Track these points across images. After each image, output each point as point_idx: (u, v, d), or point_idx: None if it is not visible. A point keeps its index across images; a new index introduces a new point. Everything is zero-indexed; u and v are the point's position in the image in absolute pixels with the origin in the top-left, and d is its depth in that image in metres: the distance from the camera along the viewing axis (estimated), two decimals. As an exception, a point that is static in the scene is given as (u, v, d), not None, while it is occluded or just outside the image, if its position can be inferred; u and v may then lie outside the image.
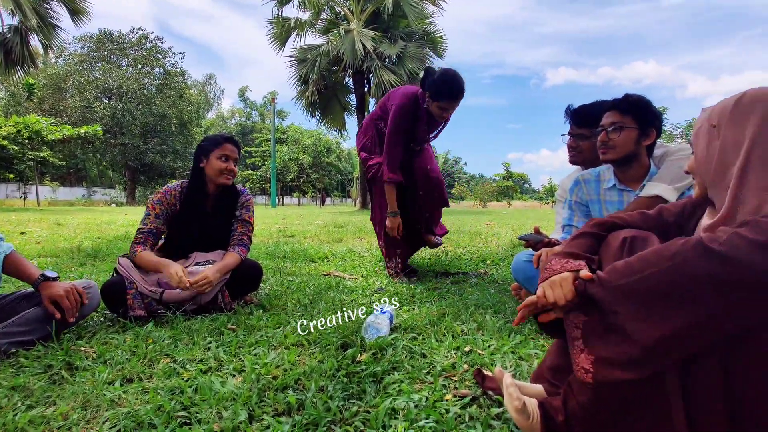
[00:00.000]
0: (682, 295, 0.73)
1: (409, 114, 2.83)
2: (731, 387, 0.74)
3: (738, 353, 0.74)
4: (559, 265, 0.95)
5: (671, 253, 0.76)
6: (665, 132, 33.01)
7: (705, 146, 0.91)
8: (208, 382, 1.27)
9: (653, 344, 0.75)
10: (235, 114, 61.05)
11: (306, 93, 17.53)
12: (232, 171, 2.22)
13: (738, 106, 0.87)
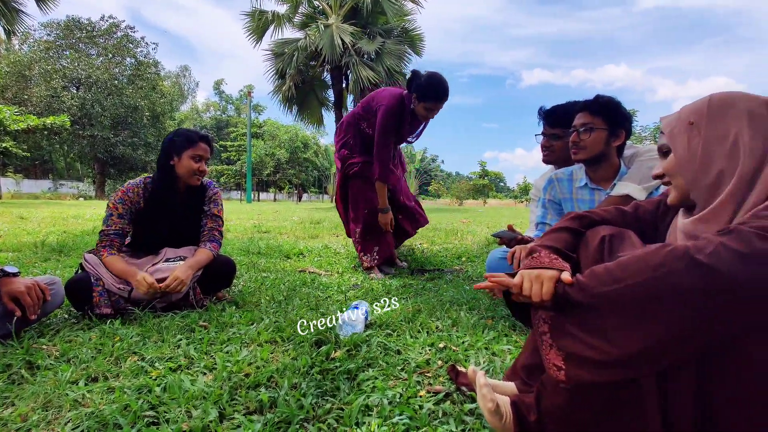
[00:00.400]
0: (667, 307, 0.72)
1: (396, 115, 2.92)
2: (705, 394, 0.74)
3: (715, 360, 0.74)
4: (548, 260, 0.93)
5: (656, 264, 0.74)
6: (635, 134, 33.97)
7: (686, 144, 0.90)
8: (178, 381, 1.24)
9: (635, 352, 0.75)
10: (210, 107, 59.86)
11: (283, 87, 17.30)
12: (204, 171, 2.16)
13: (713, 103, 0.88)
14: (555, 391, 0.89)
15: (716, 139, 0.86)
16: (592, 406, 0.84)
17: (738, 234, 0.72)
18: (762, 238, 0.70)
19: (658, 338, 0.73)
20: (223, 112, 59.61)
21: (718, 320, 0.70)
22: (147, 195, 2.12)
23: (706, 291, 0.70)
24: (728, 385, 0.73)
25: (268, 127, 45.06)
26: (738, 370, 0.73)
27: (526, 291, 0.90)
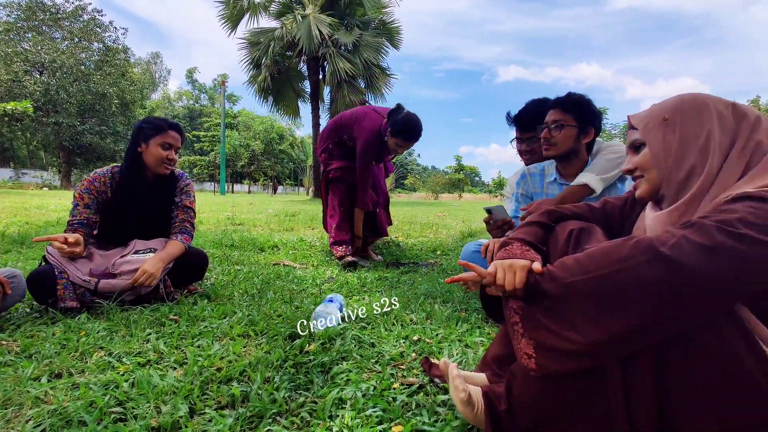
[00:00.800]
0: (632, 298, 0.75)
1: (375, 146, 3.15)
2: (664, 384, 0.77)
3: (674, 351, 0.76)
4: (520, 251, 0.96)
5: (622, 256, 0.77)
6: (606, 132, 34.87)
7: (661, 140, 0.93)
8: (146, 376, 1.21)
9: (601, 342, 0.77)
10: (182, 96, 58.32)
11: (258, 78, 16.98)
12: (173, 160, 2.09)
13: (685, 103, 0.92)
14: (525, 380, 0.91)
15: (691, 136, 0.90)
16: (560, 395, 0.86)
17: (700, 227, 0.74)
18: (723, 231, 0.72)
19: (623, 328, 0.75)
20: (196, 102, 58.20)
21: (680, 312, 0.73)
22: (114, 184, 2.05)
23: (668, 283, 0.72)
24: (686, 377, 0.76)
25: (242, 117, 44.26)
26: (696, 363, 0.75)
27: (500, 280, 0.92)
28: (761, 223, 0.73)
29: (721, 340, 0.74)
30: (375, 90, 17.53)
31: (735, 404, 0.74)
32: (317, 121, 18.09)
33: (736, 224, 0.73)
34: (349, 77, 15.99)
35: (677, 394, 0.77)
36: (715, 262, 0.71)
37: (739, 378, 0.73)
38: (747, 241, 0.71)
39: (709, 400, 0.75)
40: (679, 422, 0.77)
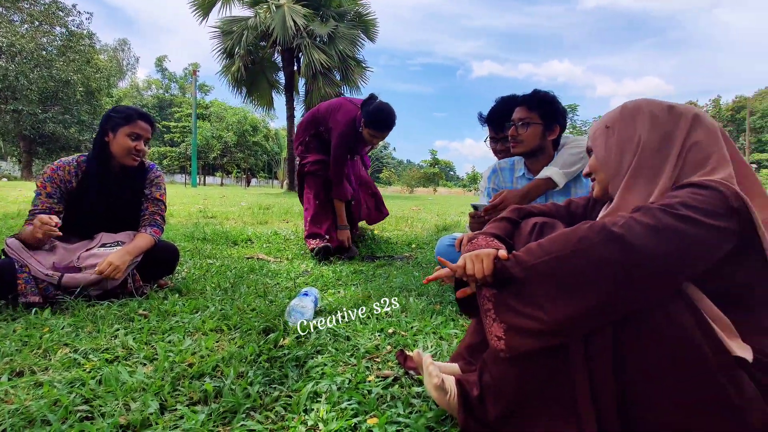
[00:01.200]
0: (588, 277, 0.80)
1: (350, 137, 3.14)
2: (620, 362, 0.81)
3: (629, 330, 0.81)
4: (485, 242, 1.01)
5: (578, 237, 0.82)
6: (576, 128, 35.70)
7: (603, 144, 1.03)
8: (114, 372, 1.17)
9: (563, 320, 0.82)
10: (151, 85, 56.49)
11: (232, 68, 16.60)
12: (142, 151, 2.02)
13: (624, 110, 1.02)
14: (496, 364, 0.94)
15: (626, 139, 1.00)
16: (528, 376, 0.89)
17: (646, 210, 0.83)
18: (666, 213, 0.80)
19: (582, 306, 0.80)
20: (166, 91, 56.49)
21: (632, 291, 0.79)
22: (80, 174, 1.97)
23: (621, 263, 0.78)
24: (639, 355, 0.81)
25: (215, 108, 43.24)
26: (648, 341, 0.80)
27: (470, 270, 0.96)
28: (701, 206, 0.80)
29: (671, 318, 0.79)
30: (350, 83, 17.41)
31: (687, 381, 0.78)
32: (292, 113, 17.85)
33: (677, 207, 0.81)
34: (324, 69, 15.82)
35: (633, 371, 0.81)
36: (661, 240, 0.78)
37: (689, 355, 0.78)
38: (688, 221, 0.79)
39: (662, 376, 0.80)
40: (637, 400, 0.81)
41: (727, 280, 0.85)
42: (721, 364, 0.77)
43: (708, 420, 0.78)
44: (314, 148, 3.30)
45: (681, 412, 0.79)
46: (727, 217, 0.81)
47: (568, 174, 1.88)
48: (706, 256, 0.81)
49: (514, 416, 0.91)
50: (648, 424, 0.82)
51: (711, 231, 0.79)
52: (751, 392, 0.78)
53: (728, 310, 0.83)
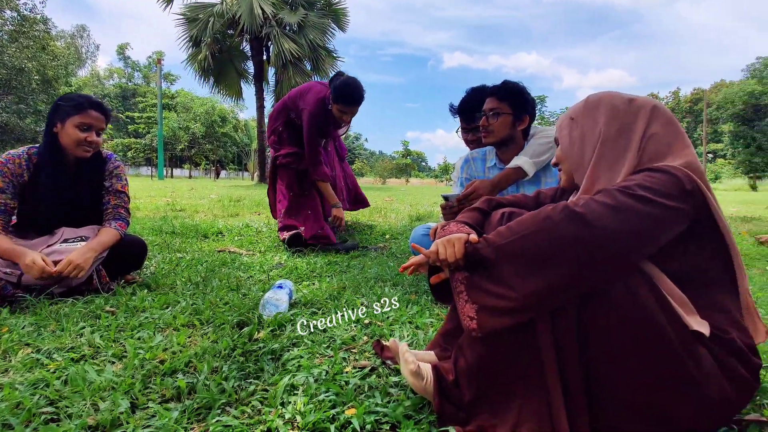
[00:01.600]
0: (552, 254, 0.84)
1: (320, 117, 3.08)
2: (583, 339, 0.85)
3: (590, 308, 0.85)
4: (456, 228, 1.05)
5: (542, 217, 0.87)
6: (545, 118, 36.42)
7: (568, 135, 1.08)
8: (81, 372, 1.13)
9: (530, 296, 0.85)
10: (113, 74, 54.24)
11: (198, 56, 16.09)
12: (94, 143, 1.90)
13: (588, 102, 1.06)
14: (469, 347, 0.97)
15: (588, 130, 1.05)
16: (499, 355, 0.92)
17: (605, 192, 0.88)
18: (624, 193, 0.86)
19: (548, 281, 0.84)
20: (129, 80, 54.39)
21: (594, 268, 0.83)
22: (32, 167, 1.87)
23: (583, 241, 0.82)
24: (602, 332, 0.84)
25: (181, 98, 41.93)
26: (610, 318, 0.83)
27: (442, 255, 0.98)
28: (655, 187, 0.86)
29: (631, 294, 0.83)
30: (321, 72, 17.18)
31: (648, 356, 0.82)
32: (262, 103, 17.50)
33: (634, 188, 0.86)
34: (294, 58, 15.55)
35: (596, 347, 0.85)
36: (619, 218, 0.83)
37: (649, 330, 0.82)
38: (644, 201, 0.84)
39: (624, 351, 0.83)
40: (601, 375, 0.85)
41: (683, 259, 0.90)
42: (680, 339, 0.81)
43: (668, 393, 0.82)
44: (287, 139, 3.25)
45: (643, 386, 0.83)
46: (681, 198, 0.86)
47: (538, 163, 1.92)
48: (662, 234, 0.86)
49: (487, 397, 0.94)
50: (612, 399, 0.86)
51: (666, 210, 0.85)
52: (708, 366, 0.82)
53: (684, 288, 0.87)
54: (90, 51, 49.04)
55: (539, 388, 0.87)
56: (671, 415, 0.83)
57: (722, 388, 0.83)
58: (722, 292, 0.92)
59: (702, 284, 0.90)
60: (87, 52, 48.31)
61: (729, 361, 0.84)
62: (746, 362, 0.87)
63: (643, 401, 0.83)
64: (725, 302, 0.91)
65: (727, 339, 0.86)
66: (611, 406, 0.86)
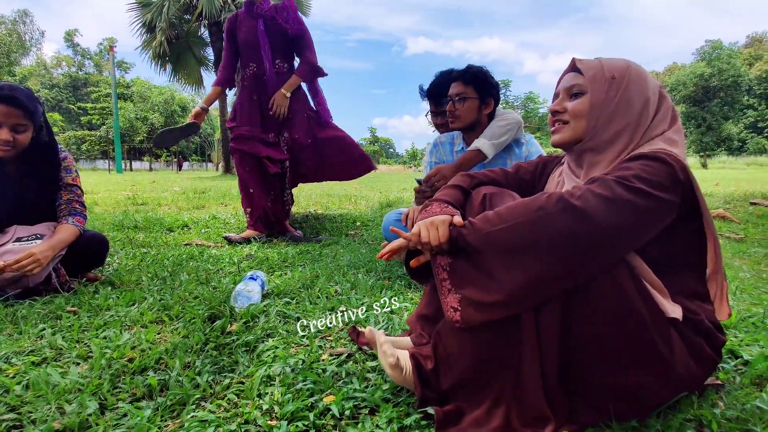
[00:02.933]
0: (545, 246, 0.81)
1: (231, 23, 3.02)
2: (567, 326, 0.85)
3: (576, 297, 0.84)
4: (439, 209, 0.99)
5: (536, 207, 0.83)
6: (509, 102, 36.96)
7: (605, 92, 0.97)
8: (44, 375, 1.08)
9: (518, 290, 0.83)
10: (61, 62, 51.31)
11: (153, 43, 15.42)
12: (9, 141, 1.69)
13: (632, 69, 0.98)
14: (450, 336, 0.96)
15: (629, 101, 0.96)
16: (481, 347, 0.91)
17: (602, 182, 0.84)
18: (620, 185, 0.83)
19: (538, 274, 0.82)
20: (79, 69, 51.59)
21: (586, 259, 0.81)
22: None
23: (576, 232, 0.80)
24: (585, 322, 0.85)
25: (137, 87, 40.17)
26: (594, 308, 0.84)
27: (425, 238, 0.94)
28: (651, 178, 0.84)
29: (616, 285, 0.83)
30: (285, 59, 16.79)
31: (626, 342, 0.84)
32: (224, 91, 16.97)
33: (631, 179, 0.83)
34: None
35: (579, 336, 0.85)
36: (614, 212, 0.81)
37: (630, 319, 0.83)
38: (640, 194, 0.82)
39: (606, 339, 0.85)
40: (582, 362, 0.87)
41: (663, 246, 0.90)
42: (657, 325, 0.84)
43: (641, 374, 0.85)
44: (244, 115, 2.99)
45: (620, 369, 0.86)
46: (673, 189, 0.85)
47: (497, 145, 1.94)
48: (653, 228, 0.86)
49: (468, 385, 0.94)
50: (590, 382, 0.88)
51: (659, 203, 0.84)
52: (678, 347, 0.86)
53: (661, 273, 0.89)
54: (34, 38, 46.14)
55: (518, 376, 0.88)
56: (643, 394, 0.87)
57: (689, 366, 0.87)
58: (695, 275, 0.94)
59: (678, 269, 0.92)
60: (31, 39, 45.44)
61: (697, 341, 0.88)
62: (712, 341, 0.91)
63: (618, 382, 0.86)
64: (698, 285, 0.94)
65: (696, 320, 0.89)
66: (589, 388, 0.88)
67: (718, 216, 3.96)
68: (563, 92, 1.05)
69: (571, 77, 1.03)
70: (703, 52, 43.44)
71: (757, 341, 1.29)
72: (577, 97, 1.01)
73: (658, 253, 0.90)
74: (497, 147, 1.94)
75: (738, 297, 1.76)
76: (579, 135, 1.01)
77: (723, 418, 0.92)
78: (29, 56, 45.57)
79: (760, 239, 3.15)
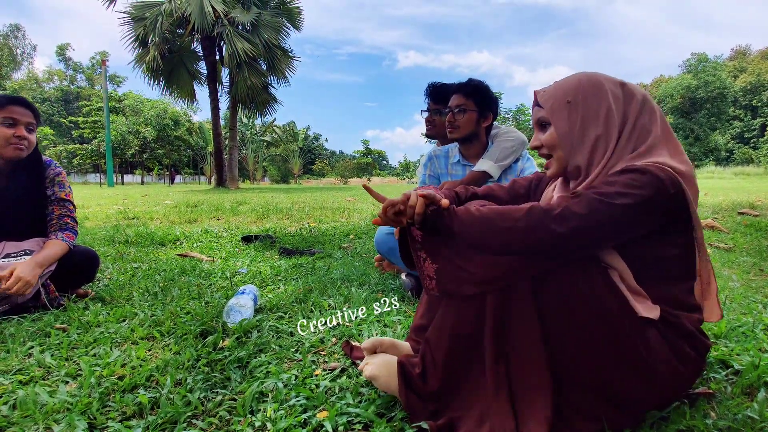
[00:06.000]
0: (516, 251, 0.89)
1: None
2: (541, 308, 0.90)
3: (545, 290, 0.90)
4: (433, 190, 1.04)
5: (518, 216, 0.87)
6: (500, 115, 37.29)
7: (567, 119, 0.99)
8: (32, 394, 1.06)
9: (491, 276, 0.91)
10: (53, 76, 51.15)
11: (146, 57, 15.44)
12: (24, 138, 1.78)
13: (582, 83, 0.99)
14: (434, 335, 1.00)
15: (591, 116, 0.98)
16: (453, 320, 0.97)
17: (583, 198, 0.87)
18: (602, 202, 0.85)
19: (508, 267, 0.90)
20: (71, 83, 51.42)
21: (555, 261, 0.88)
22: None
23: (549, 243, 0.85)
24: (552, 308, 0.90)
25: (129, 101, 40.01)
26: (562, 295, 0.89)
27: (412, 201, 0.95)
28: (636, 192, 0.85)
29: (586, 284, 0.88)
30: (278, 72, 16.92)
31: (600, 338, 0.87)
32: (216, 104, 17.03)
33: (613, 195, 0.85)
34: (249, 58, 15.23)
35: (552, 322, 0.90)
36: (591, 227, 0.84)
37: (600, 313, 0.87)
38: (620, 208, 0.84)
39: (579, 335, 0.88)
40: (560, 350, 0.91)
41: (649, 255, 0.92)
42: (630, 324, 0.86)
43: (620, 373, 0.88)
44: None
45: (597, 368, 0.89)
46: (661, 203, 0.86)
47: (502, 166, 2.00)
48: (628, 233, 0.88)
49: (453, 386, 0.97)
50: (573, 381, 0.91)
51: (640, 214, 0.86)
52: (658, 347, 0.88)
53: (644, 277, 0.91)
54: (26, 52, 46.10)
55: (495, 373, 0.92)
56: (624, 392, 0.90)
57: (672, 367, 0.89)
58: (683, 286, 0.96)
59: (663, 278, 0.93)
60: (23, 53, 45.41)
61: (679, 343, 0.90)
62: (695, 343, 0.92)
63: (598, 381, 0.89)
64: (684, 296, 0.95)
65: (677, 323, 0.91)
66: (572, 385, 0.91)
67: (707, 226, 4.00)
68: (535, 127, 1.08)
69: (536, 111, 1.06)
70: (689, 65, 44.28)
71: (747, 350, 1.30)
72: (546, 129, 1.04)
73: (643, 261, 0.92)
74: (502, 168, 2.00)
75: (728, 306, 1.77)
76: (563, 163, 1.03)
77: (715, 429, 0.93)
78: (21, 70, 45.48)
79: (749, 249, 3.19)
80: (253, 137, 47.43)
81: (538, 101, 1.05)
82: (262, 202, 7.68)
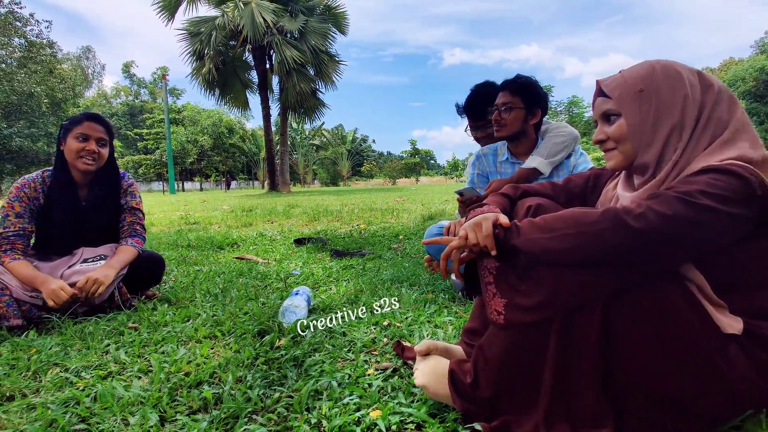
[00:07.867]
0: (593, 259, 0.82)
1: None
2: (608, 332, 0.84)
3: (617, 303, 0.83)
4: (487, 209, 1.01)
5: (591, 220, 0.81)
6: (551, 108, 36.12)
7: (638, 110, 0.93)
8: (109, 388, 1.15)
9: (559, 294, 0.84)
10: (120, 92, 55.07)
11: (202, 69, 16.30)
12: (94, 153, 1.91)
13: (657, 72, 0.92)
14: (490, 347, 0.95)
15: (666, 107, 0.91)
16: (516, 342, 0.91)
17: (663, 198, 0.80)
18: (682, 201, 0.78)
19: (579, 281, 0.83)
20: (135, 98, 55.17)
21: (632, 273, 0.81)
22: (46, 190, 1.91)
23: (627, 249, 0.79)
24: (623, 326, 0.83)
25: (188, 112, 42.37)
26: (635, 315, 0.82)
27: (472, 240, 0.94)
28: (719, 193, 0.78)
29: (660, 293, 0.81)
30: (325, 77, 17.28)
31: (676, 353, 0.81)
32: (267, 111, 17.64)
33: (696, 195, 0.78)
34: (297, 65, 15.66)
35: (619, 343, 0.83)
36: (674, 230, 0.77)
37: (678, 330, 0.80)
38: (705, 210, 0.77)
39: (650, 347, 0.82)
40: (624, 369, 0.84)
41: (731, 259, 0.85)
42: (712, 340, 0.80)
43: (698, 391, 0.81)
44: None
45: (660, 377, 0.82)
46: (746, 204, 0.78)
47: (553, 163, 1.93)
48: (715, 242, 0.81)
49: (507, 394, 0.93)
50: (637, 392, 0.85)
51: (726, 218, 0.78)
52: (741, 365, 0.80)
53: (725, 287, 0.84)
54: (96, 71, 49.92)
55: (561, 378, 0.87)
56: (698, 410, 0.83)
57: (752, 381, 0.81)
58: (761, 286, 0.87)
59: (741, 280, 0.86)
60: (93, 72, 49.19)
61: (760, 356, 0.82)
62: None
63: (668, 399, 0.83)
64: (761, 297, 0.87)
65: (758, 334, 0.83)
66: (636, 399, 0.85)
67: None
68: (599, 119, 1.01)
69: (601, 102, 0.99)
70: (763, 44, 40.77)
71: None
72: (612, 121, 0.97)
73: (720, 268, 0.84)
74: (553, 164, 1.93)
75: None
76: (630, 157, 0.96)
77: (798, 441, 0.85)
78: (92, 88, 49.29)
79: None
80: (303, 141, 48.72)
81: (602, 91, 0.98)
82: (313, 205, 7.87)
